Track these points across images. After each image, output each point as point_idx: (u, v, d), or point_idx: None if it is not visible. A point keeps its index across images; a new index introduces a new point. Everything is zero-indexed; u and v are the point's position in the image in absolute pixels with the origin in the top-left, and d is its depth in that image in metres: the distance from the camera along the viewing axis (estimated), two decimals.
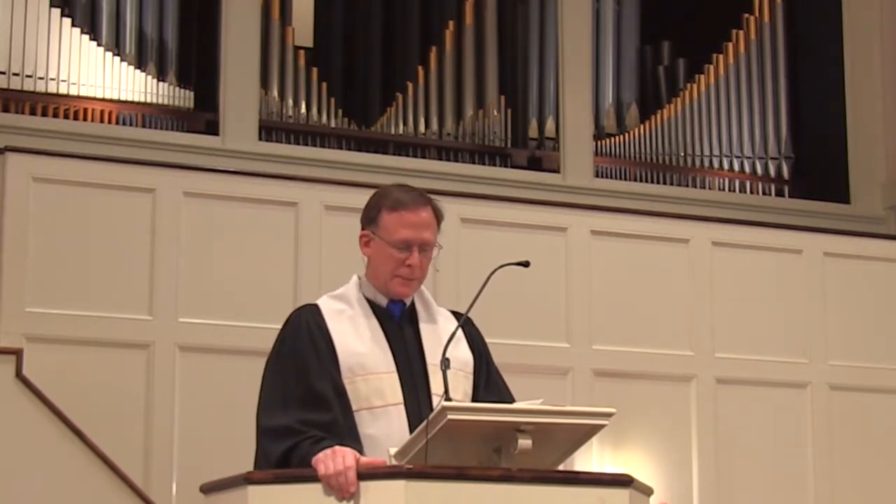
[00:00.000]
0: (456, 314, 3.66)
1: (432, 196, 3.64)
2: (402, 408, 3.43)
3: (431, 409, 3.25)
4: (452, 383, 3.36)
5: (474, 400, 3.55)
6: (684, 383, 6.98)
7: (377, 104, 8.43)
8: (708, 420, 6.98)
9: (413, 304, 3.62)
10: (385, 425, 3.40)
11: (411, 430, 3.29)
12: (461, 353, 3.56)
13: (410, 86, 8.28)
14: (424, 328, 3.58)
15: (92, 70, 7.47)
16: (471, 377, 3.60)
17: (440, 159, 8.14)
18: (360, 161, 7.76)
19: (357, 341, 3.48)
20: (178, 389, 6.07)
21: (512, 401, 3.55)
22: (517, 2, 8.70)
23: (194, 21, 7.89)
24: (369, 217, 3.58)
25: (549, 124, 8.40)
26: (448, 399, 3.27)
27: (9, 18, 7.29)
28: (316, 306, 3.56)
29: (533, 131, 8.42)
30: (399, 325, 3.57)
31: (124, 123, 7.49)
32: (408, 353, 3.52)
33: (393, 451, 3.21)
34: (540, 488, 3.11)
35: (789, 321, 7.24)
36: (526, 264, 3.59)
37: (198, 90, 7.71)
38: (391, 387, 3.45)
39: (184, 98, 7.68)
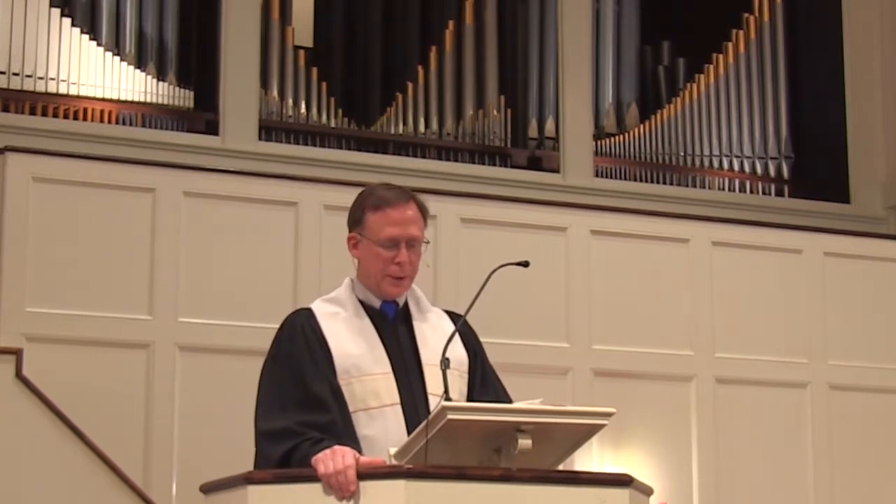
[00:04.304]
0: (450, 313, 3.65)
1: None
2: (398, 408, 3.42)
3: (428, 409, 3.25)
4: (449, 383, 3.35)
5: (470, 399, 3.54)
6: (684, 383, 6.98)
7: (377, 104, 8.42)
8: (708, 420, 6.97)
9: (407, 303, 3.61)
10: (382, 426, 3.39)
11: (408, 431, 3.29)
12: (456, 353, 3.54)
13: (410, 86, 8.27)
14: (419, 328, 3.57)
15: (92, 70, 7.47)
16: (466, 376, 3.59)
17: (440, 159, 8.14)
18: (360, 161, 7.76)
19: (351, 343, 3.47)
20: (178, 389, 6.07)
21: (507, 398, 3.56)
22: (517, 2, 8.69)
23: (194, 21, 7.88)
24: (354, 219, 3.57)
25: (549, 124, 8.39)
26: (448, 399, 3.27)
27: (9, 18, 7.29)
28: (309, 310, 3.55)
29: (533, 131, 8.41)
30: (393, 325, 3.56)
31: (124, 123, 7.49)
32: (402, 354, 3.52)
33: (393, 450, 3.21)
34: (540, 488, 3.11)
35: (789, 321, 7.23)
36: (526, 264, 3.58)
37: (198, 90, 7.71)
38: (387, 388, 3.44)
39: (184, 98, 7.68)
